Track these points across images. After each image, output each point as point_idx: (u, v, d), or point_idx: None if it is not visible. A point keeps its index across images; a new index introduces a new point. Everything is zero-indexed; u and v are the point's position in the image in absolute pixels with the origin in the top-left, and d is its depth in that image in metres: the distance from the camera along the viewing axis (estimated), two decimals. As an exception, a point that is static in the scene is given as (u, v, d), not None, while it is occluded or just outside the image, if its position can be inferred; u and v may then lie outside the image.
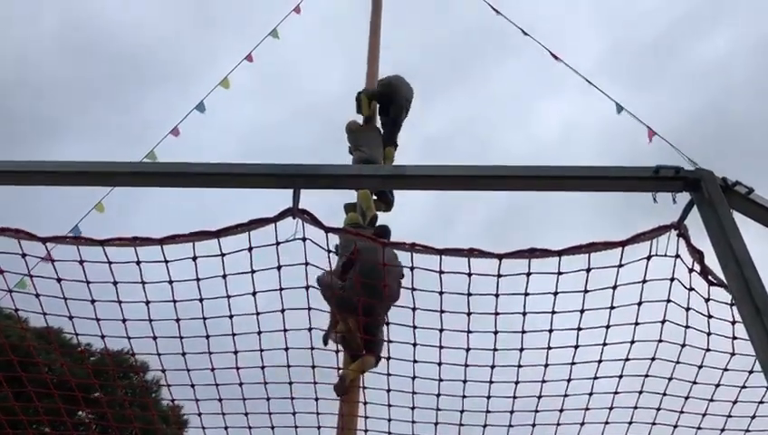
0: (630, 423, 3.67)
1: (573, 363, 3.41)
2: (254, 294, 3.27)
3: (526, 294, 3.15)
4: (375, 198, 6.44)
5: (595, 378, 3.45)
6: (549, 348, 3.36)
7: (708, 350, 3.24)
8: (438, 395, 3.62)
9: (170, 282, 3.20)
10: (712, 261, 2.77)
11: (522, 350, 3.36)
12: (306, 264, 3.18)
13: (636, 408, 3.61)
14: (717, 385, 3.42)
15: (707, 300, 3.02)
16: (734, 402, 3.49)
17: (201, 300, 3.28)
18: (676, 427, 3.63)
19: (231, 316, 3.37)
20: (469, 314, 3.27)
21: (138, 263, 3.11)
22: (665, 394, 3.52)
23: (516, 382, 3.49)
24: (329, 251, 3.18)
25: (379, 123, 7.46)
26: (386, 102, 7.32)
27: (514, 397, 3.55)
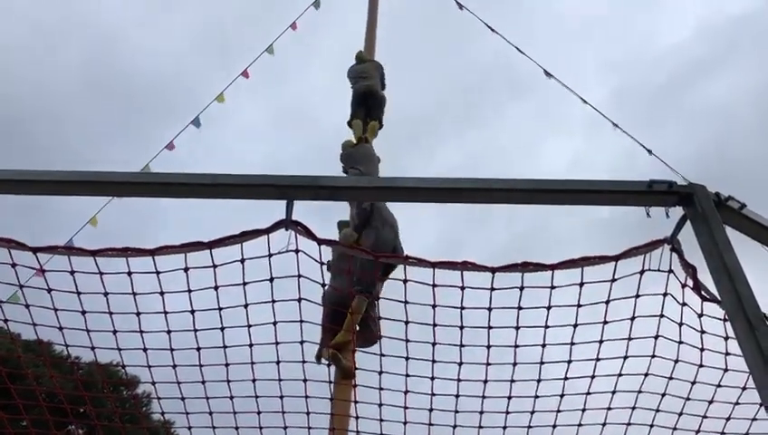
0: (623, 439, 3.65)
1: (566, 378, 3.39)
2: (245, 306, 3.25)
3: (519, 308, 3.14)
4: None
5: (588, 393, 3.44)
6: (541, 363, 3.34)
7: (701, 366, 3.23)
8: (431, 410, 3.59)
9: (161, 293, 3.18)
10: (705, 276, 2.79)
11: (514, 364, 3.35)
12: (299, 276, 3.17)
13: (629, 424, 3.59)
14: (711, 401, 3.41)
15: (700, 315, 3.01)
16: (728, 419, 3.47)
17: (192, 312, 3.25)
18: (669, 443, 3.61)
19: (222, 328, 3.34)
20: (462, 327, 3.26)
21: (129, 274, 3.09)
22: (658, 410, 3.51)
23: (509, 397, 3.46)
24: (322, 263, 3.17)
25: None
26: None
27: (507, 412, 3.52)
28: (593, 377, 3.37)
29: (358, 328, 5.26)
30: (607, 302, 3.09)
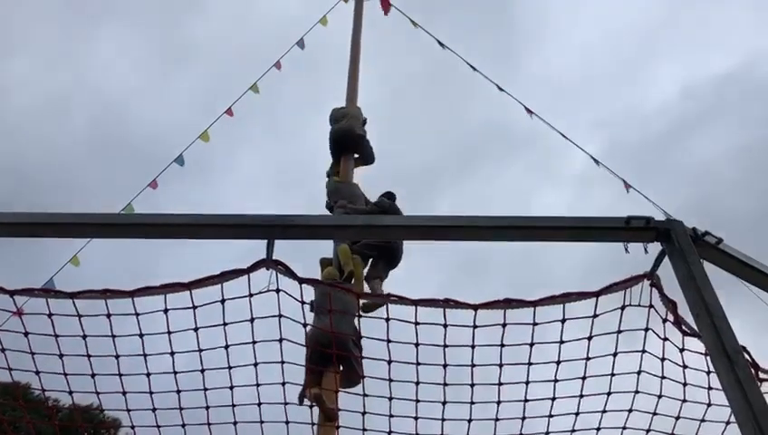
0: (610, 477, 3.61)
1: (551, 416, 3.36)
2: (226, 347, 3.21)
3: (502, 346, 3.13)
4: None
5: (573, 431, 3.40)
6: (526, 401, 3.32)
7: (685, 401, 3.22)
8: (415, 450, 3.54)
9: (141, 335, 3.14)
10: (685, 311, 2.80)
11: (498, 402, 3.32)
12: (280, 316, 3.15)
13: (615, 461, 3.56)
14: (695, 437, 3.39)
15: (682, 350, 3.03)
16: (713, 455, 3.45)
17: (172, 354, 3.21)
18: (655, 480, 3.57)
19: (203, 370, 3.30)
20: (445, 365, 3.24)
21: (108, 316, 3.05)
22: (643, 447, 3.48)
23: (494, 436, 3.43)
24: (303, 302, 3.15)
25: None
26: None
27: (492, 451, 3.48)
28: (578, 414, 3.35)
29: (341, 368, 5.18)
30: (589, 338, 3.09)
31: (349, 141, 7.58)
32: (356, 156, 7.63)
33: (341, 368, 5.12)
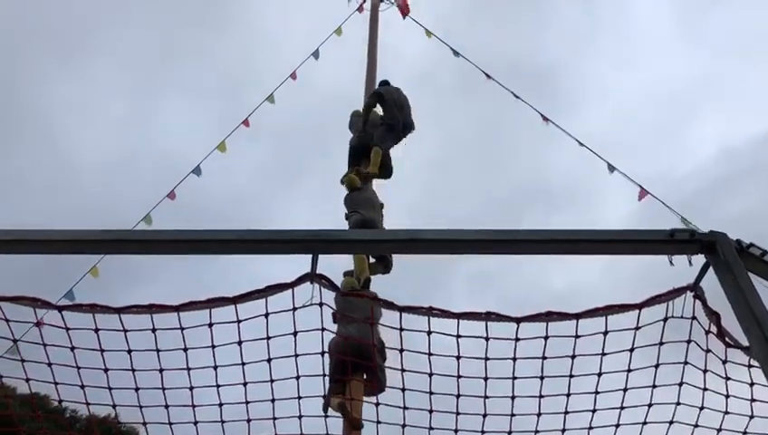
0: (649, 490, 3.60)
1: (591, 428, 3.36)
2: (269, 360, 3.23)
3: (544, 358, 3.14)
4: (373, 260, 6.47)
5: (614, 443, 3.40)
6: (566, 412, 3.32)
7: (727, 412, 3.21)
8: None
9: (185, 350, 3.17)
10: (728, 323, 2.81)
11: (539, 415, 3.32)
12: (323, 329, 3.17)
13: (655, 473, 3.55)
14: (737, 449, 3.38)
15: (725, 362, 3.03)
16: (755, 466, 3.43)
17: (215, 368, 3.23)
18: (696, 494, 3.56)
19: (245, 384, 3.31)
20: (486, 378, 3.25)
21: (153, 331, 3.08)
22: (684, 459, 3.47)
23: (534, 449, 3.42)
24: (335, 316, 3.18)
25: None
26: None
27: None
28: (618, 426, 3.35)
29: (365, 376, 5.17)
30: (631, 350, 3.10)
31: (366, 150, 7.65)
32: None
33: (365, 376, 5.13)
